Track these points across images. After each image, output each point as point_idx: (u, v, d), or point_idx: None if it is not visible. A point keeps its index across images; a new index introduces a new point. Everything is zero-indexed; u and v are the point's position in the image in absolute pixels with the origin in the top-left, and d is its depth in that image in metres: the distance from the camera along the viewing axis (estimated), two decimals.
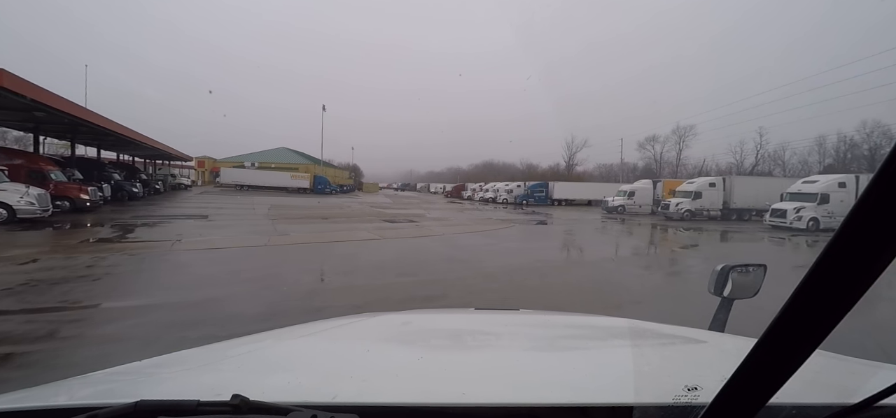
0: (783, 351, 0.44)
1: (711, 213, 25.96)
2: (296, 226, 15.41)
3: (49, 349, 3.91)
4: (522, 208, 38.65)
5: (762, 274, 1.63)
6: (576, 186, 48.95)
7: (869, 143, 45.66)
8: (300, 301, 5.93)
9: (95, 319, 4.87)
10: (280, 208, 23.62)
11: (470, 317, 1.83)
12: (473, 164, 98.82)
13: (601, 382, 0.94)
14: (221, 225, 14.56)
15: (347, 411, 0.67)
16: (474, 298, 6.23)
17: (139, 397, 0.67)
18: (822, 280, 0.40)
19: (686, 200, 25.58)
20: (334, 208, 26.40)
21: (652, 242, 15.83)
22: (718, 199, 26.09)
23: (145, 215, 16.41)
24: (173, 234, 11.58)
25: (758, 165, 56.74)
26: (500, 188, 48.78)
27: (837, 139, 51.36)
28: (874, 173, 0.35)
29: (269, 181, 51.80)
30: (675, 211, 25.47)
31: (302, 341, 1.40)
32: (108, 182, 22.63)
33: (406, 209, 28.94)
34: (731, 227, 21.81)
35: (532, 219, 24.20)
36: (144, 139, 29.59)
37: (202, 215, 17.60)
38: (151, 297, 5.74)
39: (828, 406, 0.66)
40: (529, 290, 7.13)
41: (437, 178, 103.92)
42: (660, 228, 21.06)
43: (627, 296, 6.91)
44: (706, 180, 27.32)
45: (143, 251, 9.15)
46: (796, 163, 54.75)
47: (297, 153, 68.95)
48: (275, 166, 59.07)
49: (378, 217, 20.74)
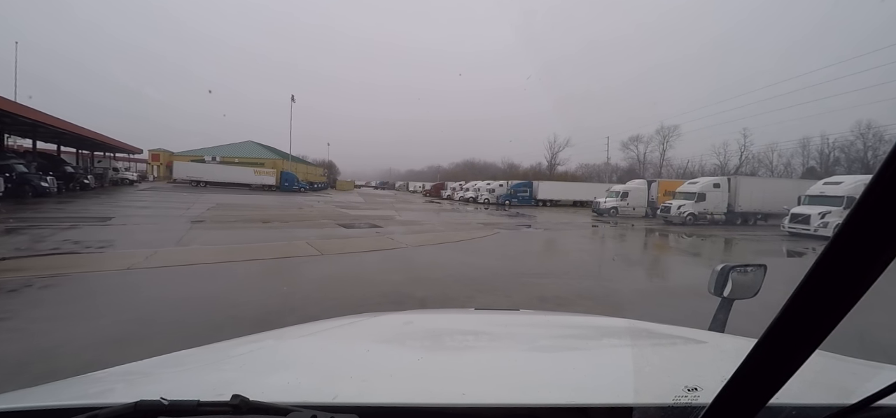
0: (783, 352, 0.44)
1: (715, 217, 23.35)
2: (218, 234, 11.78)
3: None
4: (505, 209, 35.64)
5: (762, 274, 1.61)
6: (562, 186, 46.18)
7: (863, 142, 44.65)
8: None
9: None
10: (223, 209, 19.89)
11: (470, 318, 1.81)
12: (454, 163, 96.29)
13: (601, 382, 0.93)
14: (112, 234, 10.79)
15: (347, 411, 0.68)
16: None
17: (139, 397, 0.67)
18: (822, 280, 0.40)
19: (688, 203, 22.82)
20: (291, 209, 22.74)
21: (681, 256, 12.85)
22: (723, 202, 23.45)
23: (24, 217, 12.50)
24: (11, 248, 7.86)
25: (741, 167, 55.98)
26: (481, 187, 45.84)
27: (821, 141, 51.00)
28: (874, 173, 0.35)
29: (231, 177, 47.49)
30: (677, 214, 22.68)
31: (302, 341, 1.40)
32: (4, 174, 18.43)
33: (375, 210, 25.57)
34: (744, 234, 19.21)
35: (518, 224, 21.06)
36: (70, 127, 25.25)
37: (107, 217, 13.83)
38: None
39: (828, 406, 0.66)
40: None
41: (418, 177, 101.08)
42: (671, 236, 18.22)
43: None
44: (710, 180, 24.53)
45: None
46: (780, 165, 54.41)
47: (265, 147, 64.31)
48: (239, 161, 54.58)
49: (336, 221, 17.22)
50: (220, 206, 21.29)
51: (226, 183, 46.39)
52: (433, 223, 18.53)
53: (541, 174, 62.01)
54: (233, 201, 25.64)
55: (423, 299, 6.05)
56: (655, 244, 15.93)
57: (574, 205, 42.98)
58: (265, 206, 23.60)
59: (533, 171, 66.52)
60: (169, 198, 25.09)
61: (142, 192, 30.05)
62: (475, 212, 28.81)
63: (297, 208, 23.49)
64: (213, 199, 25.97)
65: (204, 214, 16.68)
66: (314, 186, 57.36)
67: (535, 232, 17.51)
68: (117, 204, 19.74)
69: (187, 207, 19.52)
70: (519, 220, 22.84)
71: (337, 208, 25.32)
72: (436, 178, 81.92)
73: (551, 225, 20.89)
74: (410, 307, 6.11)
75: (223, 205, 22.87)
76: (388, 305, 5.60)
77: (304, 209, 23.21)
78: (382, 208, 27.68)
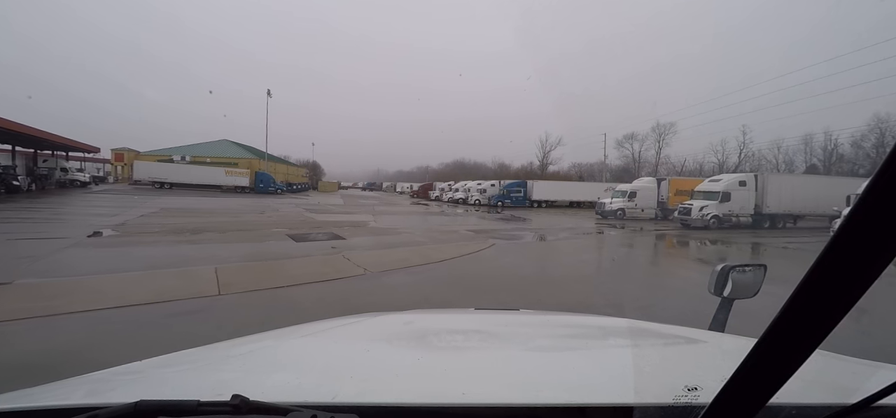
0: (783, 351, 0.44)
1: (741, 220, 20.25)
2: (101, 258, 8.31)
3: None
4: (498, 211, 32.42)
5: (762, 274, 1.60)
6: (558, 186, 43.08)
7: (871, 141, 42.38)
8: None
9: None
10: (161, 216, 16.59)
11: (470, 317, 1.80)
12: (444, 163, 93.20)
13: (601, 382, 0.93)
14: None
15: (347, 411, 0.67)
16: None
17: (139, 397, 0.66)
18: (822, 280, 0.40)
19: (711, 203, 19.59)
20: (248, 215, 19.29)
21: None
22: (750, 202, 20.31)
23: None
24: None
25: (741, 165, 53.85)
26: (471, 187, 42.67)
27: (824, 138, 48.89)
28: (874, 173, 0.35)
29: (199, 178, 43.62)
30: (699, 217, 19.46)
31: (302, 341, 1.38)
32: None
33: (348, 214, 22.18)
34: (787, 239, 16.19)
35: (515, 230, 17.83)
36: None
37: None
38: None
39: (828, 406, 0.66)
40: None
41: (407, 178, 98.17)
42: (708, 244, 15.13)
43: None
44: (734, 177, 21.21)
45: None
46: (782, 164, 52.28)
47: (242, 147, 60.17)
48: (211, 161, 50.50)
49: (291, 230, 13.79)
50: (162, 212, 17.84)
51: (194, 184, 42.62)
52: (414, 231, 15.17)
53: (532, 174, 59.78)
54: (185, 205, 22.06)
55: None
56: (703, 258, 12.81)
57: (570, 205, 40.00)
58: (219, 211, 20.09)
59: (524, 171, 64.67)
60: (106, 203, 21.41)
61: (86, 196, 26.17)
62: (465, 216, 25.50)
63: (257, 213, 20.02)
64: (162, 203, 22.49)
65: (127, 224, 13.17)
66: (293, 188, 53.66)
67: (539, 242, 14.23)
68: (27, 209, 16.02)
69: (115, 214, 15.99)
70: (516, 225, 19.59)
71: (305, 212, 21.91)
72: (425, 179, 78.79)
73: (554, 230, 17.67)
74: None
75: (168, 209, 19.38)
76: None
77: (266, 214, 19.77)
78: (359, 212, 24.27)
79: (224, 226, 13.73)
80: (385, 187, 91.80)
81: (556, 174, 65.13)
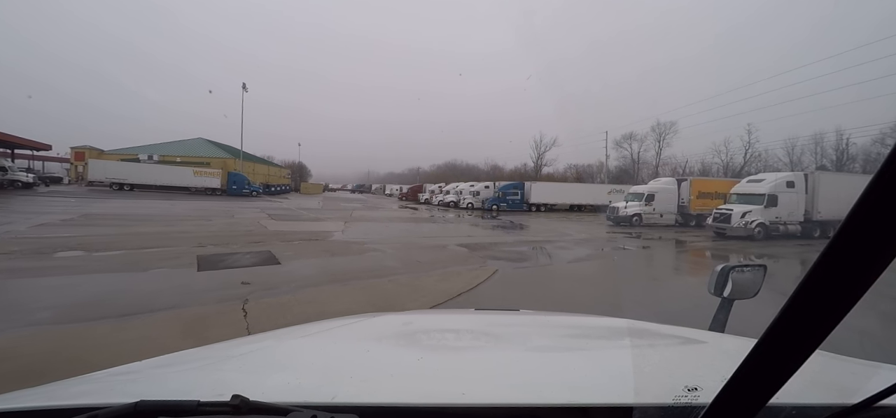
0: (783, 351, 0.44)
1: (790, 228, 16.85)
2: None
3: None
4: (493, 215, 28.88)
5: (762, 274, 1.58)
6: (558, 187, 39.49)
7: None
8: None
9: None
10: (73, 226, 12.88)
11: (470, 318, 1.77)
12: (435, 165, 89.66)
13: (601, 382, 0.92)
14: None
15: (347, 411, 0.67)
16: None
17: (139, 397, 0.66)
18: (822, 280, 0.40)
19: (756, 208, 16.20)
20: (190, 221, 15.64)
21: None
22: (799, 207, 16.97)
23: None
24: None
25: (746, 166, 50.90)
26: (463, 189, 39.21)
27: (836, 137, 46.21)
28: (874, 173, 0.35)
29: (164, 179, 39.63)
30: (741, 225, 15.95)
31: (302, 341, 1.37)
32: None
33: (319, 222, 18.55)
34: None
35: (519, 244, 14.24)
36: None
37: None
38: None
39: (828, 406, 0.66)
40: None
41: (397, 180, 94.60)
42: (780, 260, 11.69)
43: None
44: (781, 177, 17.27)
45: None
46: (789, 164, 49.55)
47: (218, 145, 56.12)
48: (181, 160, 46.36)
49: (219, 245, 10.06)
50: (80, 220, 14.34)
51: (159, 186, 38.61)
52: (388, 247, 11.49)
53: (526, 175, 56.66)
54: (121, 211, 18.29)
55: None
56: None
57: (571, 209, 36.54)
58: (155, 218, 16.38)
59: (517, 173, 62.29)
60: (25, 208, 17.49)
61: (13, 200, 22.09)
62: (456, 223, 21.87)
63: (202, 221, 16.30)
64: (96, 208, 18.85)
65: (28, 233, 9.40)
66: (271, 189, 49.71)
67: (561, 268, 10.19)
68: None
69: (9, 222, 12.16)
70: (518, 237, 15.99)
71: (266, 219, 18.27)
72: (415, 181, 75.20)
73: (568, 244, 14.04)
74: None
75: (90, 216, 15.77)
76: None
77: (212, 221, 16.16)
78: (331, 218, 20.56)
79: (126, 242, 9.95)
80: (374, 189, 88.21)
81: (551, 176, 62.01)
